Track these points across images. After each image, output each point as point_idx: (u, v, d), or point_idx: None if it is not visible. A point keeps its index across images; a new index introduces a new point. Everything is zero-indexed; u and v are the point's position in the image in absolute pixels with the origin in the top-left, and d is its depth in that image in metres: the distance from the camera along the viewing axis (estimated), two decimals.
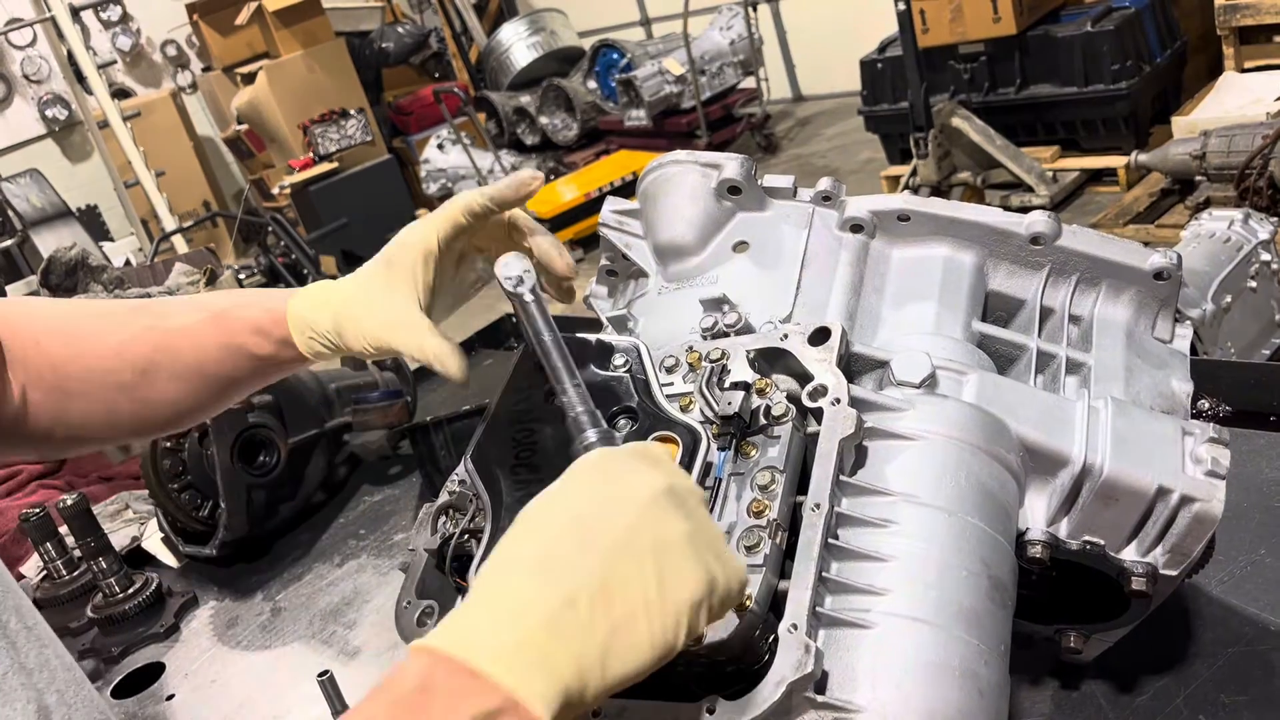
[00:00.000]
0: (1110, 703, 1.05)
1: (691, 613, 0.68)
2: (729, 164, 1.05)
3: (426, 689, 0.62)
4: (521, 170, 1.03)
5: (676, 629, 0.67)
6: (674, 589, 0.68)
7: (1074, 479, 0.89)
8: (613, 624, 0.66)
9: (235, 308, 1.08)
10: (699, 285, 1.04)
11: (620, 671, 0.66)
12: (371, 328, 1.03)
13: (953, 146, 5.47)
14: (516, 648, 0.63)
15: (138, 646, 1.71)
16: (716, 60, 7.90)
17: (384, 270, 1.05)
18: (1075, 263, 1.01)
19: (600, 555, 0.68)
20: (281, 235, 7.58)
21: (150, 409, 1.08)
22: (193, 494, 1.83)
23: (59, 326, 1.07)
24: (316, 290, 1.08)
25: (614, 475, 0.74)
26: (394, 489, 2.00)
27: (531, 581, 0.67)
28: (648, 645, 0.66)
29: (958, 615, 0.79)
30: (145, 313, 1.09)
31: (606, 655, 0.65)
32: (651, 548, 0.68)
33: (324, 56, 8.90)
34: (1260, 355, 2.54)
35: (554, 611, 0.65)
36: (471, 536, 0.94)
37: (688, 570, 0.69)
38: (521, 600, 0.66)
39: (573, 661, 0.64)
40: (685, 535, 0.70)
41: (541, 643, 0.64)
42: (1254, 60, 5.07)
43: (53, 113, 9.63)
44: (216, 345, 1.06)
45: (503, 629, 0.65)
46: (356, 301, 1.04)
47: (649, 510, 0.70)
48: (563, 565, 0.67)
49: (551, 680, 0.63)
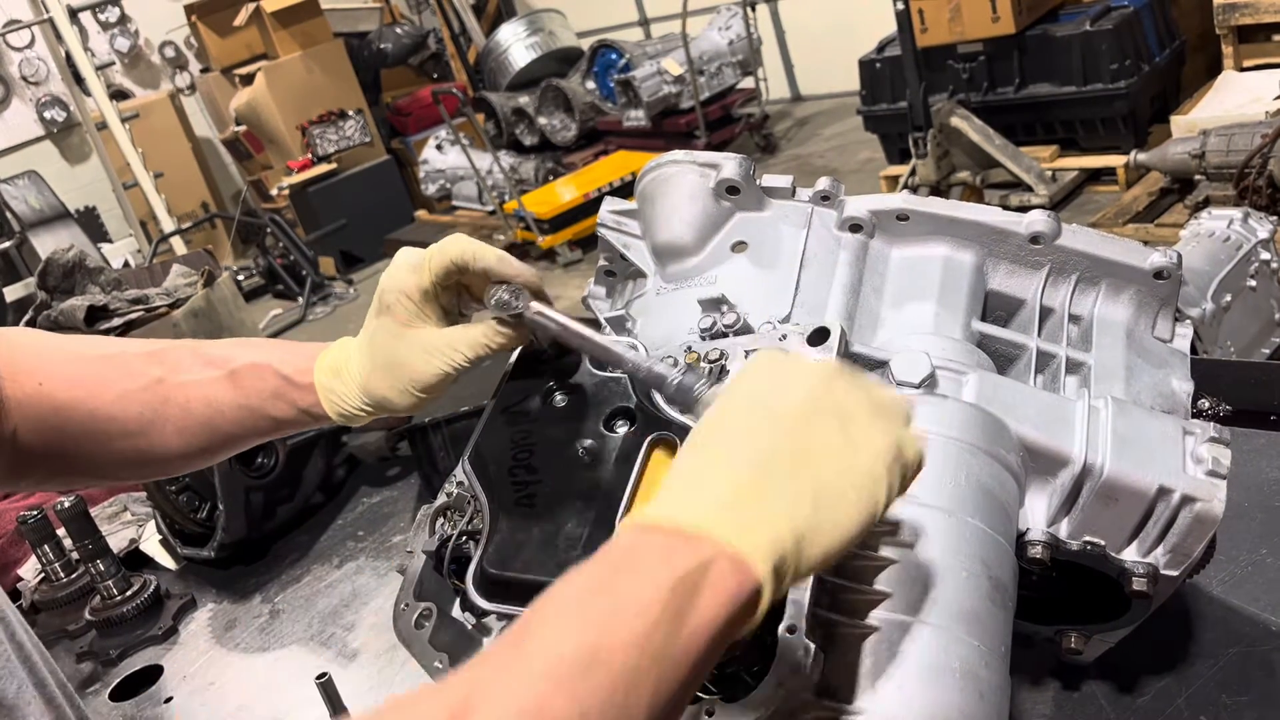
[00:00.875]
0: (1111, 703, 1.05)
1: (888, 473, 0.68)
2: (727, 164, 1.05)
3: (634, 550, 0.62)
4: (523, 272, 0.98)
5: (875, 487, 0.67)
6: (866, 448, 0.68)
7: (1074, 479, 0.89)
8: (818, 484, 0.66)
9: (253, 369, 1.03)
10: (697, 285, 1.04)
11: (833, 535, 0.65)
12: (414, 375, 0.97)
13: (952, 146, 5.47)
14: (727, 507, 0.64)
15: (136, 649, 1.71)
16: (715, 60, 7.89)
17: (388, 320, 0.98)
18: (1075, 262, 1.01)
19: (789, 422, 0.68)
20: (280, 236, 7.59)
21: (154, 456, 1.06)
22: (191, 496, 1.83)
23: (65, 369, 1.04)
24: (335, 357, 1.02)
25: (775, 364, 0.74)
26: (392, 490, 2.00)
27: (729, 455, 0.67)
28: (854, 504, 0.66)
29: (958, 617, 0.79)
30: (157, 362, 1.05)
31: (818, 516, 0.65)
32: (835, 412, 0.69)
33: (322, 57, 8.90)
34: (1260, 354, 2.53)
35: (758, 475, 0.65)
36: (470, 538, 0.93)
37: (875, 430, 0.69)
38: (722, 471, 0.66)
39: (786, 520, 0.64)
40: (859, 401, 0.71)
41: (752, 502, 0.64)
42: (1253, 59, 5.06)
43: (51, 114, 9.62)
44: (232, 405, 1.03)
45: (708, 495, 0.65)
46: (381, 366, 0.98)
47: (822, 382, 0.71)
48: (755, 436, 0.68)
49: (767, 536, 0.63)
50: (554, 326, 0.93)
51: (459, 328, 0.98)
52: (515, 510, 0.89)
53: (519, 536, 0.86)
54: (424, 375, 0.97)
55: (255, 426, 1.05)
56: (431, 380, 0.97)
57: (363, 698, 1.39)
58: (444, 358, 0.96)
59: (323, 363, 1.02)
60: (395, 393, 0.99)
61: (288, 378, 1.03)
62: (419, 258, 0.97)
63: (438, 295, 0.97)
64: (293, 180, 8.53)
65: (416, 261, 0.97)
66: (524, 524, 0.87)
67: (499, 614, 0.87)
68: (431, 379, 0.97)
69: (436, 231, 8.33)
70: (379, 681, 1.44)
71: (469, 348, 0.96)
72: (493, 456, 0.94)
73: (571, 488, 0.89)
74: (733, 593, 0.61)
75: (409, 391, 0.98)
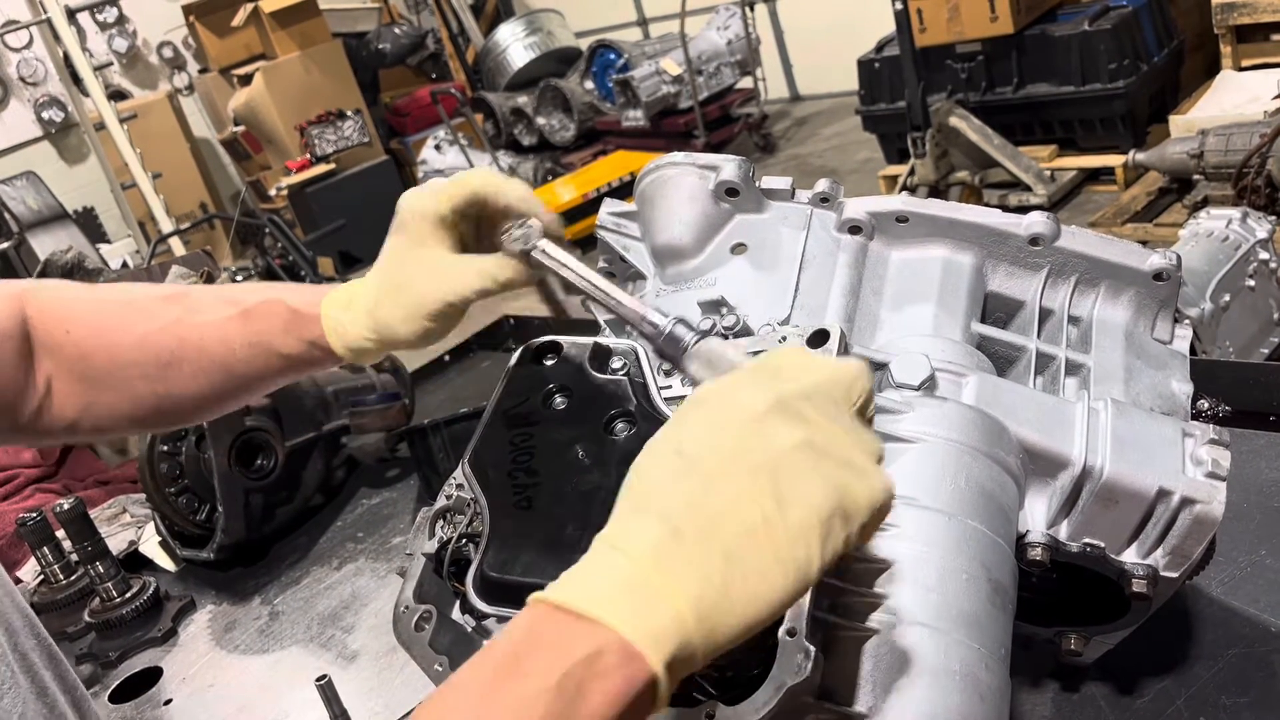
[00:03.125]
0: (1111, 705, 1.05)
1: (822, 526, 0.61)
2: (726, 166, 1.05)
3: (530, 638, 0.59)
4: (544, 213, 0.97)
5: (807, 545, 0.60)
6: (794, 501, 0.61)
7: (1074, 481, 0.89)
8: (727, 549, 0.59)
9: (265, 305, 1.03)
10: (697, 287, 1.03)
11: (748, 610, 0.59)
12: (421, 299, 0.95)
13: (950, 146, 5.47)
14: (625, 585, 0.59)
15: (135, 651, 1.71)
16: (714, 60, 7.89)
17: (402, 237, 0.97)
18: (1074, 264, 1.01)
19: (702, 479, 0.62)
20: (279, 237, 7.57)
21: (172, 401, 1.07)
22: (190, 498, 1.83)
23: (89, 315, 1.06)
24: (346, 290, 1.02)
25: (715, 400, 0.67)
26: (392, 492, 2.00)
27: (634, 521, 0.62)
28: (775, 568, 0.60)
29: (958, 619, 0.79)
30: (175, 304, 1.06)
31: (728, 586, 0.59)
32: (761, 463, 0.62)
33: (321, 58, 8.89)
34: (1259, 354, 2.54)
35: (666, 541, 0.60)
36: (469, 541, 0.93)
37: (806, 479, 0.61)
38: (626, 540, 0.61)
39: (688, 596, 0.58)
40: (798, 443, 0.62)
41: (648, 578, 0.59)
42: (1251, 59, 5.06)
43: (49, 115, 9.61)
44: (243, 343, 1.03)
45: (607, 570, 0.60)
46: (389, 288, 0.97)
47: (751, 426, 0.63)
48: (664, 498, 0.62)
49: (666, 617, 0.58)
50: (559, 267, 0.92)
51: (469, 256, 0.96)
52: (515, 513, 0.89)
53: (519, 539, 0.86)
54: (429, 299, 0.95)
55: (266, 365, 1.04)
56: (436, 306, 0.95)
57: (362, 700, 1.39)
58: (451, 283, 0.94)
59: (333, 296, 1.01)
60: (399, 319, 0.96)
61: (296, 310, 1.02)
62: (442, 183, 0.97)
63: (455, 223, 0.96)
64: (291, 181, 8.52)
65: (438, 187, 0.96)
66: (524, 527, 0.87)
67: (499, 617, 0.87)
68: (436, 304, 0.95)
69: None
70: (379, 683, 1.44)
71: (477, 277, 0.94)
72: (492, 459, 0.94)
73: (571, 490, 0.89)
74: (621, 687, 0.56)
75: (413, 317, 0.95)
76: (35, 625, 0.95)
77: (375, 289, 0.98)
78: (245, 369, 1.05)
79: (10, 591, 0.93)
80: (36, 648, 0.93)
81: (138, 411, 1.07)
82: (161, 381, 1.04)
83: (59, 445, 2.20)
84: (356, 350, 1.00)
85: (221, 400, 1.09)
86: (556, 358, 0.99)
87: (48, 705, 0.89)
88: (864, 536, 0.64)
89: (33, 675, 0.89)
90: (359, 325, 0.99)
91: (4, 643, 0.88)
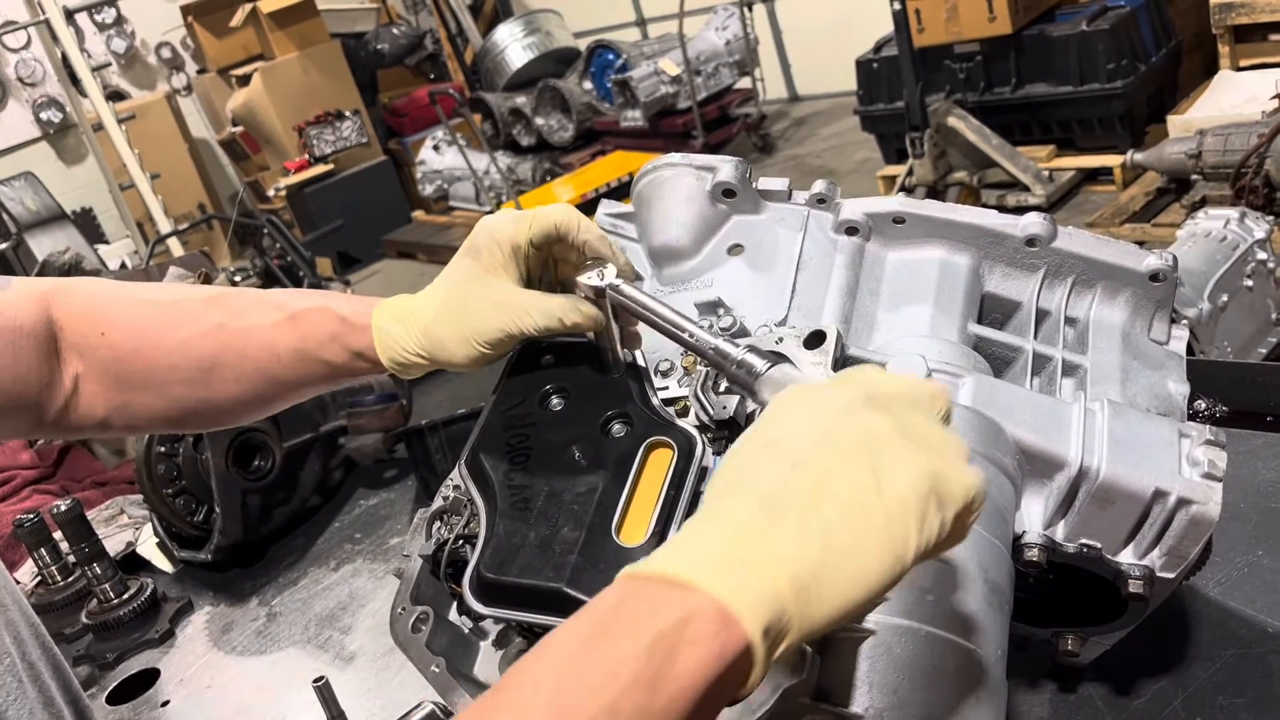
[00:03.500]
0: (1108, 705, 1.05)
1: (920, 506, 0.59)
2: (723, 167, 1.05)
3: (621, 605, 0.58)
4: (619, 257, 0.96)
5: (905, 524, 0.59)
6: (891, 481, 0.60)
7: (1070, 482, 0.89)
8: (825, 525, 0.58)
9: (313, 312, 1.02)
10: (694, 288, 1.04)
11: (847, 586, 0.58)
12: (480, 325, 0.94)
13: (949, 146, 5.47)
14: (721, 554, 0.57)
15: (133, 652, 1.70)
16: (712, 60, 7.89)
17: (473, 261, 0.96)
18: (1071, 264, 1.01)
19: (798, 460, 0.61)
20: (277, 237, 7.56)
21: (211, 405, 1.06)
22: (187, 499, 1.83)
23: (126, 316, 1.05)
24: (401, 304, 1.00)
25: (805, 396, 0.67)
26: (389, 493, 2.00)
27: (735, 496, 0.61)
28: (873, 546, 0.58)
29: (954, 620, 0.79)
30: (219, 307, 1.04)
31: (827, 563, 0.57)
32: (857, 444, 0.61)
33: (319, 58, 8.89)
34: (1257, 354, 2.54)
35: (762, 517, 0.59)
36: (466, 542, 0.93)
37: (905, 460, 0.61)
38: (725, 515, 0.60)
39: (786, 568, 0.57)
40: (891, 429, 0.62)
41: (750, 548, 0.57)
42: (1249, 59, 5.07)
43: (47, 115, 9.60)
44: (289, 349, 1.02)
45: (705, 541, 0.59)
46: (450, 309, 0.96)
47: (843, 414, 0.63)
48: (764, 474, 0.61)
49: (764, 587, 0.56)
50: (635, 306, 0.91)
51: (539, 293, 0.95)
52: (511, 514, 0.89)
53: (515, 540, 0.86)
54: (489, 328, 0.94)
55: (310, 373, 1.03)
56: (495, 335, 0.94)
57: (360, 701, 1.39)
58: (514, 316, 0.93)
59: (385, 308, 1.00)
60: (456, 340, 0.95)
61: (345, 319, 1.00)
62: (524, 213, 0.96)
63: (529, 255, 0.96)
64: (290, 181, 8.53)
65: (520, 215, 0.96)
66: (520, 528, 0.87)
67: (495, 618, 0.87)
68: (496, 334, 0.94)
69: (434, 232, 8.35)
70: (376, 684, 1.43)
71: (542, 315, 0.93)
72: (489, 460, 0.94)
73: (568, 491, 0.89)
74: (715, 652, 0.54)
75: (470, 340, 0.94)
76: (42, 634, 0.95)
77: (436, 306, 0.97)
78: (288, 375, 1.04)
79: (18, 600, 0.93)
80: (43, 657, 0.93)
81: (174, 413, 1.07)
82: (203, 386, 1.04)
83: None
84: (403, 365, 0.99)
85: (262, 405, 1.08)
86: (554, 359, 0.99)
87: (53, 714, 0.89)
88: (957, 528, 0.62)
89: (39, 684, 0.89)
90: (411, 340, 0.97)
91: (13, 652, 0.88)
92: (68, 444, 2.49)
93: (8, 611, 0.90)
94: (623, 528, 0.84)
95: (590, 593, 0.80)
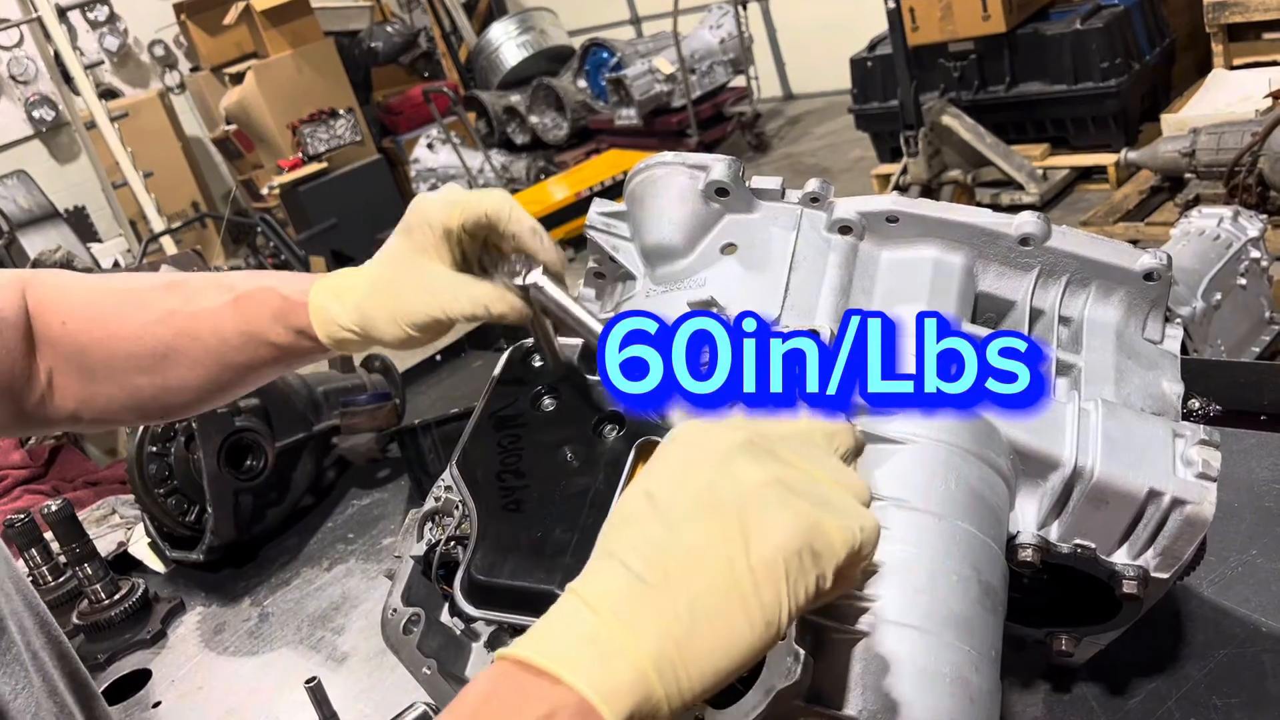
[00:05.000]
0: (1102, 705, 1.05)
1: (787, 566, 0.58)
2: (716, 165, 1.04)
3: (490, 696, 0.58)
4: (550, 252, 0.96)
5: (773, 589, 0.58)
6: (758, 541, 0.58)
7: (1065, 482, 0.89)
8: (691, 596, 0.57)
9: (257, 292, 1.02)
10: (687, 288, 1.03)
11: (716, 654, 0.57)
12: (409, 307, 0.94)
13: (943, 145, 5.47)
14: (582, 641, 0.57)
15: (124, 653, 1.70)
16: (706, 59, 7.89)
17: (406, 240, 0.97)
18: (1065, 263, 1.01)
19: (669, 524, 0.60)
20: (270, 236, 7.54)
21: (171, 393, 1.06)
22: (179, 499, 1.82)
23: (86, 306, 1.05)
24: (338, 280, 1.01)
25: (688, 439, 0.65)
26: (382, 492, 1.99)
27: (602, 568, 0.61)
28: (741, 614, 0.57)
29: (948, 621, 0.79)
30: (173, 293, 1.04)
31: (692, 636, 0.57)
32: (727, 502, 0.60)
33: (313, 56, 8.87)
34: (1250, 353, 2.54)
35: (622, 594, 0.58)
36: (457, 543, 0.93)
37: (773, 516, 0.59)
38: (591, 590, 0.60)
39: (649, 650, 0.56)
40: (767, 480, 0.60)
41: (610, 631, 0.57)
42: (1243, 58, 5.07)
43: (40, 114, 9.57)
44: (236, 332, 1.02)
45: (570, 624, 0.59)
46: (381, 287, 0.97)
47: (720, 465, 0.61)
48: (630, 544, 0.60)
49: (627, 673, 0.56)
50: (554, 306, 0.91)
51: (468, 278, 0.95)
52: (503, 515, 0.88)
53: (506, 542, 0.86)
54: (417, 311, 0.94)
55: (258, 355, 1.03)
56: (422, 319, 0.94)
57: (352, 702, 1.38)
58: (442, 301, 0.93)
59: (323, 283, 1.01)
60: (385, 319, 0.96)
61: (287, 298, 1.01)
62: (458, 195, 0.96)
63: (461, 239, 0.96)
64: (283, 179, 8.50)
65: (453, 199, 0.95)
66: (512, 529, 0.87)
67: (486, 620, 0.87)
68: (423, 318, 0.94)
69: None
70: (368, 685, 1.43)
71: (470, 302, 0.93)
72: (480, 461, 0.94)
73: (560, 492, 0.88)
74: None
75: (398, 322, 0.95)
76: (48, 623, 0.95)
77: (368, 284, 0.98)
78: (239, 358, 1.04)
79: (22, 588, 0.93)
80: (47, 645, 0.92)
81: (136, 403, 1.07)
82: (159, 373, 1.04)
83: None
84: (339, 340, 0.99)
85: (220, 390, 1.08)
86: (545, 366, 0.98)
87: (58, 704, 0.89)
88: (840, 581, 0.61)
89: (43, 674, 0.89)
90: (345, 316, 0.98)
91: (19, 642, 0.87)
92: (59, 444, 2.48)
93: (11, 600, 0.90)
94: None
95: None
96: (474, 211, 0.94)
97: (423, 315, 0.94)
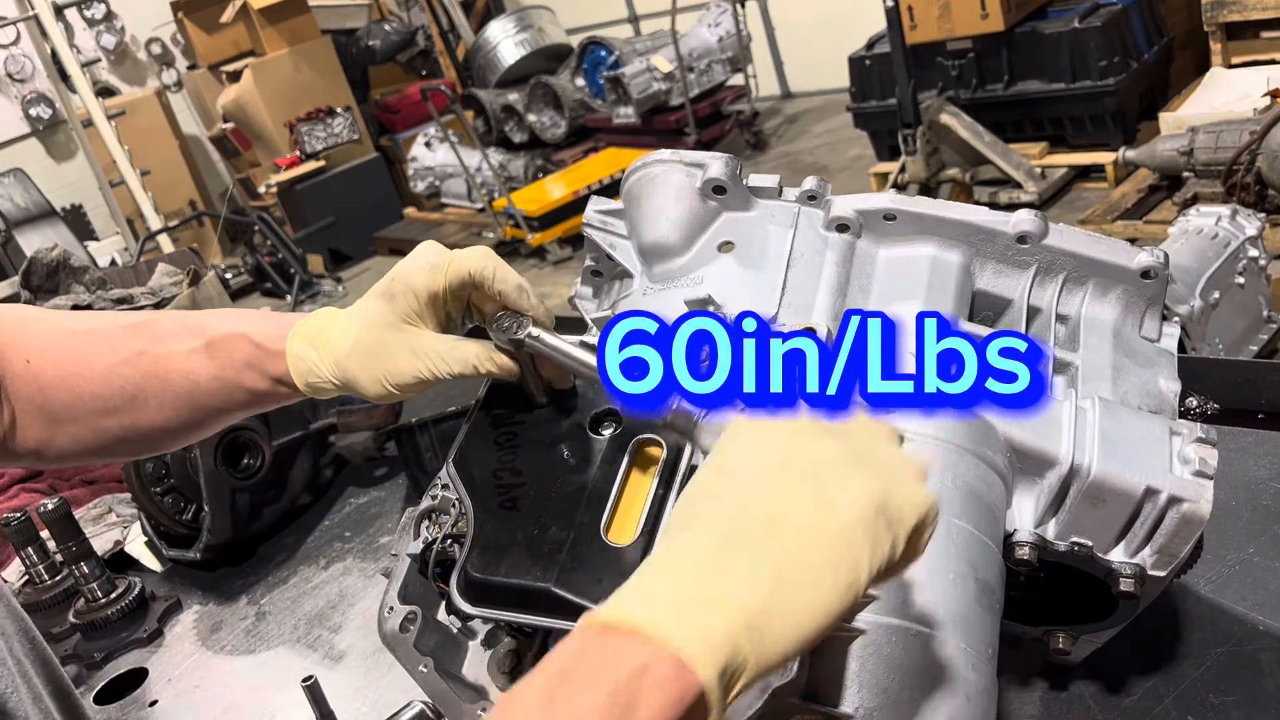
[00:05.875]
0: (1099, 703, 1.05)
1: (869, 529, 0.60)
2: (714, 163, 1.04)
3: (581, 656, 0.58)
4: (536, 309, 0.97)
5: (855, 550, 0.60)
6: (839, 504, 0.61)
7: (1062, 480, 0.89)
8: (776, 557, 0.59)
9: (228, 339, 1.01)
10: (684, 286, 1.03)
11: (801, 618, 0.59)
12: (394, 369, 0.95)
13: (941, 143, 5.47)
14: (676, 598, 0.58)
15: (121, 652, 1.69)
16: (705, 57, 7.88)
17: (389, 306, 0.96)
18: (1062, 262, 1.01)
19: (747, 492, 0.62)
20: (268, 234, 7.55)
21: (138, 433, 1.05)
22: (176, 497, 1.81)
23: (49, 346, 1.03)
24: (315, 326, 1.00)
25: (755, 424, 0.68)
26: (379, 491, 1.99)
27: (680, 539, 0.62)
28: (825, 573, 0.59)
29: (945, 619, 0.79)
30: (140, 334, 1.03)
31: (780, 597, 0.58)
32: (805, 471, 0.63)
33: (310, 54, 8.86)
34: (1248, 351, 2.54)
35: (715, 555, 0.60)
36: (454, 541, 0.92)
37: (852, 483, 0.62)
38: (681, 554, 0.61)
39: (740, 607, 0.57)
40: (840, 450, 0.64)
41: (695, 591, 0.58)
42: (1241, 56, 5.08)
43: (36, 112, 9.56)
44: (209, 377, 1.01)
45: (662, 584, 0.60)
46: (363, 350, 0.96)
47: (794, 440, 0.65)
48: (709, 514, 0.62)
49: (717, 630, 0.57)
50: (554, 354, 0.92)
51: (455, 339, 0.96)
52: (499, 513, 0.88)
53: (503, 540, 0.86)
54: (403, 373, 0.95)
55: (232, 399, 1.03)
56: (408, 380, 0.95)
57: (349, 700, 1.38)
58: (428, 363, 0.94)
59: (299, 329, 1.00)
60: (368, 379, 0.96)
61: (261, 345, 1.00)
62: (439, 258, 0.95)
63: (445, 301, 0.96)
64: (281, 178, 8.50)
65: (436, 261, 0.95)
66: (508, 527, 0.87)
67: (483, 618, 0.87)
68: (409, 379, 0.95)
69: (425, 229, 8.32)
70: (366, 684, 1.43)
71: (458, 363, 0.94)
72: (477, 459, 0.94)
73: (556, 490, 0.88)
74: (674, 698, 0.55)
75: (382, 382, 0.96)
76: (28, 629, 0.94)
77: (349, 345, 0.97)
78: (212, 402, 1.03)
79: (3, 594, 0.92)
80: (29, 653, 0.92)
81: (101, 443, 1.05)
82: (126, 414, 1.02)
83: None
84: (318, 389, 0.99)
85: (189, 431, 1.07)
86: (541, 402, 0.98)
87: (41, 711, 0.88)
88: (911, 547, 0.63)
89: (27, 680, 0.89)
90: (324, 369, 0.98)
91: (2, 646, 0.87)
92: None
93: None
94: (611, 526, 0.84)
95: (578, 592, 0.79)
96: (457, 273, 0.94)
97: (409, 377, 0.95)
